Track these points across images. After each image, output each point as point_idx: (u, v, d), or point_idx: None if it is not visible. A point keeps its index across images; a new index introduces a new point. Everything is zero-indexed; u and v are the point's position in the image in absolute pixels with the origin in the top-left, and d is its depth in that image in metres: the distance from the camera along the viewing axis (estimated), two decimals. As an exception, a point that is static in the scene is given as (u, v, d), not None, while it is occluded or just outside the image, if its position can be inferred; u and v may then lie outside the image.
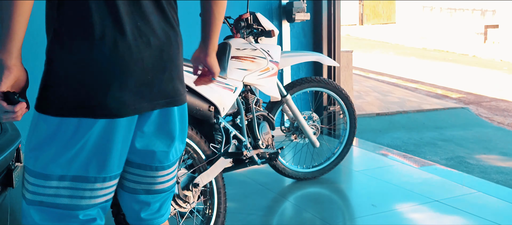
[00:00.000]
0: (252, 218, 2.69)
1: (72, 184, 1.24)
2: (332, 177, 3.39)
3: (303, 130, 3.11)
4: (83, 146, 1.21)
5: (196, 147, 2.24)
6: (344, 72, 5.28)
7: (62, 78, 1.23)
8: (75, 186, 1.24)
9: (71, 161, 1.22)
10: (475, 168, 4.51)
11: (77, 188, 1.24)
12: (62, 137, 1.22)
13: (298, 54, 3.16)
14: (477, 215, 2.64)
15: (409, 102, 7.63)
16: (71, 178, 1.23)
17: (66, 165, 1.22)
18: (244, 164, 2.56)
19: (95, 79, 1.19)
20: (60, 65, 1.23)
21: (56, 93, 1.24)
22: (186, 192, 2.11)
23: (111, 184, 1.30)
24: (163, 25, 1.28)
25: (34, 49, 3.93)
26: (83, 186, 1.24)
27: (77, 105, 1.20)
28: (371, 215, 2.68)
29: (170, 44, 1.29)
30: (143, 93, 1.24)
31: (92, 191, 1.26)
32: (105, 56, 1.18)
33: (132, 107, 1.23)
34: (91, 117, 1.19)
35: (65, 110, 1.21)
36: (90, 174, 1.24)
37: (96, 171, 1.25)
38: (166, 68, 1.28)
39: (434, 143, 5.52)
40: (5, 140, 2.47)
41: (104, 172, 1.26)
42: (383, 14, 25.08)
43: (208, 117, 2.33)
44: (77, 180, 1.24)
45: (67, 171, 1.22)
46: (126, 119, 1.23)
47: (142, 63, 1.22)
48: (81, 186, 1.24)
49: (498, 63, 13.25)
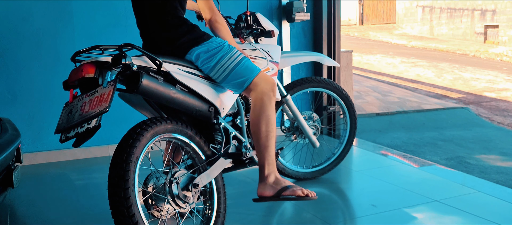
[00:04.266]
0: (252, 218, 2.69)
1: None
2: (332, 177, 3.39)
3: (303, 130, 3.11)
4: None
5: (196, 148, 2.24)
6: (344, 72, 5.28)
7: None
8: None
9: None
10: (475, 168, 4.51)
11: None
12: None
13: (298, 54, 3.16)
14: (477, 215, 2.65)
15: (409, 102, 7.63)
16: None
17: None
18: (244, 165, 2.55)
19: None
20: None
21: None
22: (186, 193, 2.11)
23: None
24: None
25: (34, 49, 3.94)
26: None
27: None
28: (371, 215, 2.68)
29: None
30: None
31: None
32: None
33: None
34: None
35: None
36: None
37: None
38: None
39: (434, 143, 5.52)
40: (5, 140, 2.47)
41: None
42: (383, 14, 25.07)
43: (208, 118, 2.33)
44: None
45: None
46: None
47: None
48: None
49: (498, 63, 13.25)
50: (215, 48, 2.33)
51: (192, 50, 2.32)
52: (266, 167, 2.35)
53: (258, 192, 2.38)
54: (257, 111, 2.33)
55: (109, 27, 4.08)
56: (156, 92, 2.08)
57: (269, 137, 2.33)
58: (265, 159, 2.35)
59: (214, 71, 2.33)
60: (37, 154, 3.98)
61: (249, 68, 2.36)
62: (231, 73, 2.32)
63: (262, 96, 2.33)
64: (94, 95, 1.95)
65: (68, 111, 2.01)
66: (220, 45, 2.35)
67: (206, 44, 2.33)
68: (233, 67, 2.32)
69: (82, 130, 1.88)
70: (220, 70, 2.32)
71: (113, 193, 1.86)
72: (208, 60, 2.31)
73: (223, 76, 2.32)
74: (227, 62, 2.32)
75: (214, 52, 2.32)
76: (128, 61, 1.95)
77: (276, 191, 2.34)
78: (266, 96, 2.33)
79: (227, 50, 2.34)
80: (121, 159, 1.88)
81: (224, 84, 2.37)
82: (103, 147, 4.13)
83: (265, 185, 2.36)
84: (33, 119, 3.96)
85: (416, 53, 14.89)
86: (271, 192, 2.35)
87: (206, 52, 2.31)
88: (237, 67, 2.32)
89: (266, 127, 2.33)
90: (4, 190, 2.49)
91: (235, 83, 2.34)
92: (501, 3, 16.57)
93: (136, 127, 1.98)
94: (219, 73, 2.32)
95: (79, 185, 3.43)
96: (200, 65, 2.33)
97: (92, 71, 1.98)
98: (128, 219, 1.84)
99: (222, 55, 2.32)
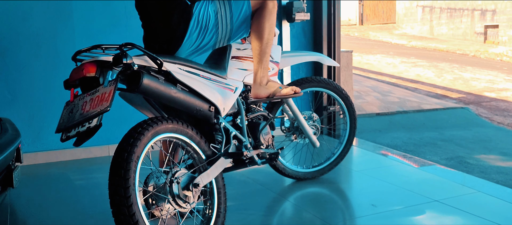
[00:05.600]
0: (252, 218, 2.69)
1: None
2: (332, 177, 3.39)
3: (303, 130, 3.11)
4: None
5: (196, 147, 2.24)
6: (344, 72, 5.28)
7: None
8: None
9: None
10: (475, 168, 4.51)
11: None
12: None
13: (298, 54, 3.16)
14: (477, 215, 2.65)
15: (409, 102, 7.63)
16: None
17: None
18: (244, 164, 2.55)
19: None
20: None
21: None
22: (186, 192, 2.11)
23: None
24: None
25: (34, 49, 3.94)
26: None
27: None
28: (371, 215, 2.68)
29: None
30: None
31: None
32: None
33: None
34: None
35: None
36: None
37: None
38: None
39: (434, 143, 5.52)
40: (5, 140, 2.47)
41: None
42: (383, 14, 25.07)
43: (208, 117, 2.33)
44: None
45: None
46: None
47: None
48: None
49: (498, 63, 13.25)
50: (201, 17, 2.34)
51: (185, 40, 2.32)
52: (261, 70, 2.57)
53: (253, 93, 2.61)
54: (263, 18, 2.48)
55: (109, 27, 4.08)
56: (157, 92, 2.08)
57: (268, 44, 2.54)
58: (262, 63, 2.55)
59: (219, 32, 2.39)
60: (37, 154, 3.98)
61: (238, 4, 2.44)
62: (234, 26, 2.40)
63: (267, 4, 2.48)
64: (95, 95, 1.95)
65: (69, 110, 2.01)
66: (205, 12, 2.35)
67: (193, 20, 2.32)
68: (231, 17, 2.40)
69: (83, 129, 1.89)
70: (223, 25, 2.38)
71: (114, 192, 1.86)
72: (207, 33, 2.35)
73: (229, 24, 2.40)
74: (223, 12, 2.38)
75: (205, 24, 2.34)
76: (129, 61, 1.95)
77: (269, 93, 2.62)
78: (271, 3, 2.49)
79: (210, 12, 2.36)
80: (122, 158, 1.89)
81: (235, 24, 2.43)
82: (103, 147, 4.13)
83: (260, 87, 2.59)
84: (33, 119, 3.96)
85: (416, 53, 14.89)
86: (265, 92, 2.60)
87: (198, 28, 2.33)
88: (233, 13, 2.41)
89: (268, 35, 2.51)
90: (4, 190, 2.49)
91: (244, 9, 2.42)
92: (501, 3, 16.57)
93: (137, 127, 1.99)
94: (224, 27, 2.39)
95: (79, 185, 3.43)
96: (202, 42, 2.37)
97: (93, 70, 1.98)
98: (128, 218, 1.85)
99: (214, 21, 2.36)
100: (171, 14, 2.27)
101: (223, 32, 2.39)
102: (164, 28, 2.30)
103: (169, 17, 2.28)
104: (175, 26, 2.28)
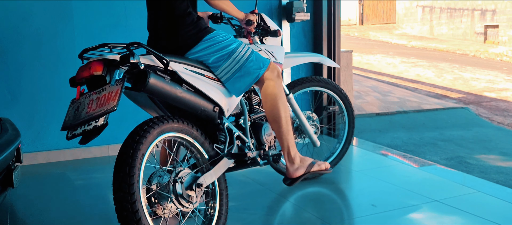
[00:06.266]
0: (253, 218, 2.69)
1: None
2: (332, 177, 3.39)
3: (304, 129, 3.11)
4: None
5: (200, 147, 2.24)
6: (344, 72, 5.28)
7: None
8: None
9: None
10: (475, 168, 4.51)
11: None
12: None
13: (299, 55, 3.17)
14: (477, 215, 2.65)
15: (409, 102, 7.63)
16: None
17: None
18: (246, 165, 2.56)
19: None
20: None
21: None
22: (189, 192, 2.11)
23: None
24: None
25: (35, 49, 3.94)
26: None
27: None
28: (371, 215, 2.68)
29: None
30: None
31: None
32: None
33: None
34: None
35: None
36: None
37: None
38: None
39: (434, 143, 5.52)
40: (5, 140, 2.47)
41: None
42: (383, 14, 25.06)
43: (212, 118, 2.34)
44: None
45: None
46: None
47: None
48: None
49: (498, 63, 13.25)
50: (219, 43, 2.34)
51: (195, 48, 2.33)
52: (291, 149, 2.54)
53: (290, 174, 2.56)
54: (274, 100, 2.45)
55: (109, 27, 4.08)
56: (163, 91, 2.08)
57: (288, 122, 2.50)
58: (289, 142, 2.52)
59: (221, 70, 2.35)
60: (37, 154, 3.98)
61: (259, 59, 2.42)
62: (241, 68, 2.36)
63: (274, 85, 2.44)
64: (101, 93, 1.95)
65: (75, 108, 2.00)
66: (225, 41, 2.36)
67: (208, 40, 2.33)
68: (243, 62, 2.37)
69: (90, 128, 1.89)
70: (228, 67, 2.35)
71: (118, 188, 1.86)
72: (214, 57, 2.33)
73: (231, 73, 2.35)
74: (236, 59, 2.36)
75: (219, 48, 2.34)
76: (136, 60, 1.96)
77: (305, 169, 2.59)
78: (277, 83, 2.45)
79: (234, 47, 2.37)
80: (127, 155, 1.89)
81: (231, 80, 2.38)
82: (103, 147, 4.13)
83: (294, 165, 2.55)
84: (33, 119, 3.96)
85: (416, 53, 14.89)
86: (302, 171, 2.57)
87: (210, 49, 2.32)
88: (247, 63, 2.37)
89: (285, 113, 2.48)
90: (4, 190, 2.49)
91: (245, 79, 2.38)
92: (501, 3, 16.57)
93: (143, 125, 1.99)
94: (226, 71, 2.35)
95: (79, 185, 3.43)
96: (205, 61, 2.35)
97: (100, 69, 1.98)
98: (131, 215, 1.85)
99: (228, 52, 2.34)
100: (184, 24, 2.31)
101: (229, 68, 2.37)
102: (174, 35, 2.32)
103: (180, 26, 2.31)
104: (186, 38, 2.31)
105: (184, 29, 2.30)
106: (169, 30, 2.32)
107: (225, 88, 2.40)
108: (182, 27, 2.30)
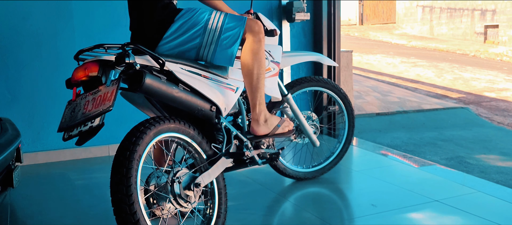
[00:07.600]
0: (253, 218, 2.69)
1: None
2: (332, 177, 3.39)
3: (304, 129, 3.11)
4: None
5: (197, 147, 2.24)
6: (344, 72, 5.28)
7: None
8: None
9: None
10: (475, 168, 4.51)
11: None
12: None
13: (298, 54, 3.17)
14: (477, 215, 2.65)
15: (409, 102, 7.63)
16: None
17: None
18: (245, 164, 2.55)
19: None
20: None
21: None
22: (187, 192, 2.11)
23: None
24: None
25: (35, 48, 3.94)
26: None
27: None
28: (371, 215, 2.68)
29: None
30: None
31: None
32: None
33: None
34: None
35: None
36: None
37: None
38: None
39: (434, 143, 5.52)
40: (5, 140, 2.47)
41: None
42: (383, 14, 25.06)
43: (210, 117, 2.33)
44: None
45: None
46: None
47: None
48: None
49: (498, 63, 13.25)
50: (190, 19, 2.30)
51: (170, 29, 2.29)
52: (258, 106, 2.50)
53: (253, 130, 2.54)
54: (250, 55, 2.41)
55: (109, 27, 4.08)
56: (159, 91, 2.08)
57: (260, 79, 2.46)
58: (257, 99, 2.48)
59: (203, 47, 2.32)
60: (37, 154, 3.98)
61: (234, 19, 2.38)
62: (221, 36, 2.32)
63: (253, 40, 2.41)
64: (97, 94, 1.95)
65: (71, 110, 2.01)
66: (195, 15, 2.32)
67: (180, 18, 2.30)
68: (221, 29, 2.32)
69: (86, 129, 1.89)
70: (208, 41, 2.31)
71: (116, 190, 1.86)
72: (188, 34, 2.30)
73: (214, 44, 2.31)
74: (212, 29, 2.31)
75: (191, 24, 2.30)
76: (131, 60, 1.96)
77: (269, 130, 2.57)
78: (256, 38, 2.42)
79: (206, 18, 2.32)
80: (124, 157, 1.89)
81: (218, 52, 2.34)
82: (103, 147, 4.13)
83: (258, 123, 2.53)
84: (33, 119, 3.96)
85: (416, 53, 14.89)
86: (266, 130, 2.55)
87: (183, 27, 2.29)
88: (224, 28, 2.33)
89: (258, 70, 2.44)
90: (4, 190, 2.49)
91: (226, 42, 2.33)
92: (501, 3, 16.57)
93: (140, 125, 1.99)
94: (208, 44, 2.32)
95: (79, 185, 3.43)
96: (184, 42, 2.32)
97: (95, 69, 1.99)
98: (130, 217, 1.85)
99: (202, 26, 2.31)
100: (155, 10, 2.29)
101: (209, 40, 2.34)
102: (148, 23, 2.30)
103: (153, 13, 2.28)
104: (157, 23, 2.28)
105: (157, 12, 2.28)
106: (148, 19, 2.31)
107: (222, 88, 2.39)
108: (157, 13, 2.28)
